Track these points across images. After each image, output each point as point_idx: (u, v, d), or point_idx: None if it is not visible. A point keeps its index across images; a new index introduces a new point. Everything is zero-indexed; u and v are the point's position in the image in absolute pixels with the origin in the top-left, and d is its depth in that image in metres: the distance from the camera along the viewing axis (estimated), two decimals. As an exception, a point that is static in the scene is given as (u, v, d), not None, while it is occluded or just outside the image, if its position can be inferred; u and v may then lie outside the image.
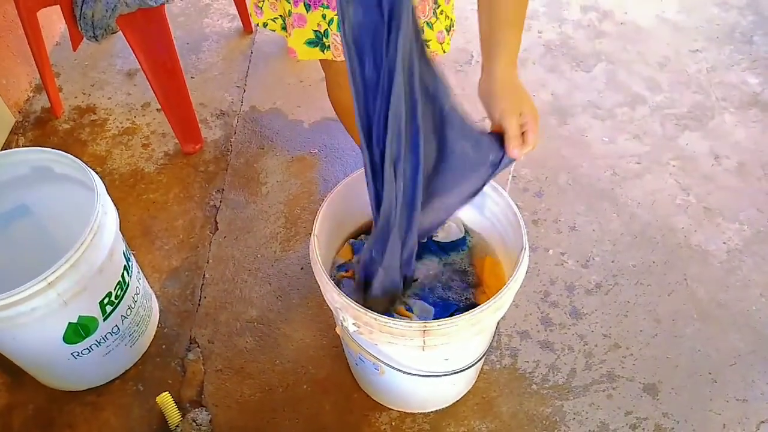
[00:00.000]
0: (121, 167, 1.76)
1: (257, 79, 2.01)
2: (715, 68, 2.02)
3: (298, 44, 1.17)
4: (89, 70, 2.04)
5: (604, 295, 1.48)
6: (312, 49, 1.18)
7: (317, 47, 1.17)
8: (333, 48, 1.16)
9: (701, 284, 1.50)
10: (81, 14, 1.43)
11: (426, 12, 1.13)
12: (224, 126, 1.87)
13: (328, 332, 1.42)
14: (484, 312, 0.94)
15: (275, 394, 1.33)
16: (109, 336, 1.23)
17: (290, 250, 1.57)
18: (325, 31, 1.15)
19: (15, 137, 1.84)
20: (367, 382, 1.29)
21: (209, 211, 1.66)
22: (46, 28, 1.81)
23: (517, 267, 0.98)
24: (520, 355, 1.38)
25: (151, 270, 1.53)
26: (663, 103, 1.92)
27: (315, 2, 1.12)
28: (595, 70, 2.02)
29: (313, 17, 1.13)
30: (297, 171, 1.74)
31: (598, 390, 1.33)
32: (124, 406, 1.32)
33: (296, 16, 1.14)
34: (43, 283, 1.01)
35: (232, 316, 1.45)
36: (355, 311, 0.94)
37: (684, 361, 1.37)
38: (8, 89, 1.85)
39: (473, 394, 1.32)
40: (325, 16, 1.13)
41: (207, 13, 2.24)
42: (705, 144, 1.81)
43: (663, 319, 1.44)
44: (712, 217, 1.63)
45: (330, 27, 1.14)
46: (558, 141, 1.82)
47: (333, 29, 1.13)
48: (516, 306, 1.45)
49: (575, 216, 1.63)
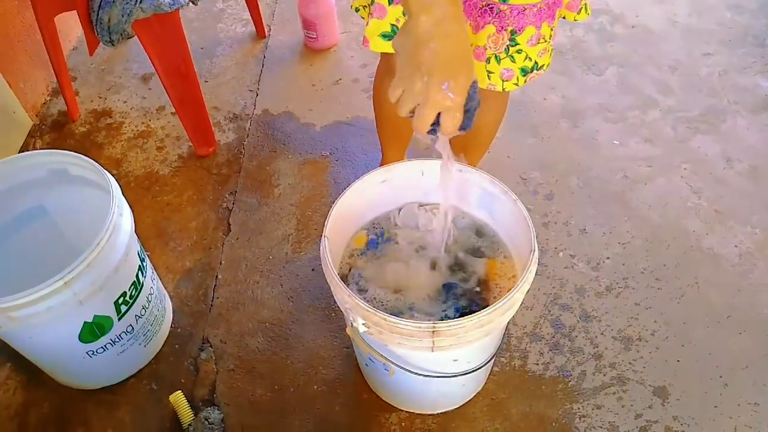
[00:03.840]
0: (136, 170, 1.78)
1: (270, 83, 2.03)
2: (727, 71, 2.02)
3: (374, 35, 1.16)
4: (105, 74, 2.07)
5: (614, 298, 1.48)
6: (386, 43, 1.17)
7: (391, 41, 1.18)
8: None
9: (713, 287, 1.49)
10: (97, 19, 1.46)
11: (498, 45, 1.11)
12: (237, 129, 1.89)
13: (338, 333, 1.43)
14: (493, 313, 0.94)
15: (286, 394, 1.35)
16: (124, 335, 1.25)
17: (302, 251, 1.58)
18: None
19: (32, 140, 1.87)
20: (377, 382, 1.30)
21: (222, 213, 1.68)
22: (63, 33, 1.84)
23: (527, 268, 0.99)
24: (530, 356, 1.38)
25: (165, 271, 1.56)
26: (675, 106, 1.92)
27: None
28: (606, 73, 2.02)
29: (393, 11, 1.12)
30: (309, 173, 1.76)
31: (608, 393, 1.33)
32: (137, 404, 1.34)
33: (378, 6, 1.14)
34: (60, 283, 1.03)
35: (244, 316, 1.47)
36: (365, 312, 0.95)
37: (695, 364, 1.37)
38: (26, 93, 1.88)
39: (483, 395, 1.32)
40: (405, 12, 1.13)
41: (221, 18, 2.27)
42: (717, 147, 1.80)
43: (674, 322, 1.43)
44: (724, 220, 1.62)
45: None
46: (569, 144, 1.82)
47: None
48: (526, 308, 1.46)
49: (586, 219, 1.63)
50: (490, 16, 1.07)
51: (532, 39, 1.11)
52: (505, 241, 1.19)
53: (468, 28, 1.11)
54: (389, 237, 1.22)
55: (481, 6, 1.07)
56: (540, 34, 1.11)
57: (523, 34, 1.09)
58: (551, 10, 1.10)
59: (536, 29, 1.10)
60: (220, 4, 2.32)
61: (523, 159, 1.78)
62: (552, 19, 1.12)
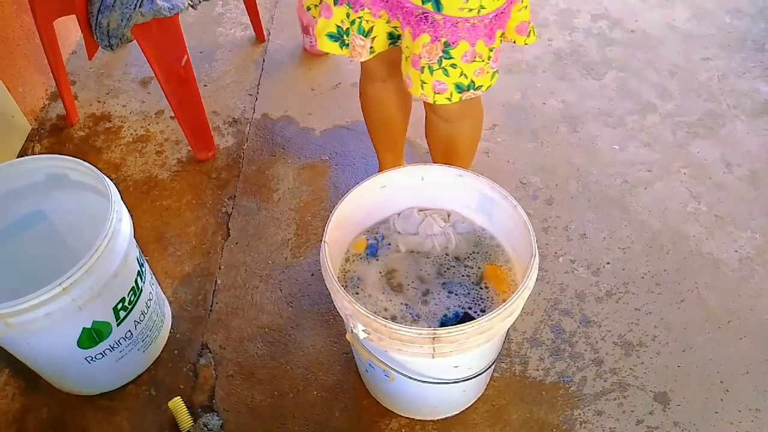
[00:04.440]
0: (135, 174, 1.78)
1: (269, 87, 2.03)
2: (727, 76, 2.02)
3: (321, 34, 1.18)
4: (104, 78, 2.07)
5: (614, 303, 1.47)
6: (332, 43, 1.18)
7: (337, 43, 1.18)
8: (351, 48, 1.17)
9: (713, 292, 1.49)
10: (97, 24, 1.45)
11: (431, 55, 1.09)
12: (236, 133, 1.89)
13: (338, 338, 1.42)
14: (493, 319, 0.94)
15: (286, 400, 1.34)
16: (123, 341, 1.25)
17: (301, 256, 1.58)
18: (347, 30, 1.15)
19: (31, 144, 1.87)
20: (377, 388, 1.29)
21: (221, 218, 1.67)
22: (62, 37, 1.84)
23: (527, 274, 0.99)
24: (530, 362, 1.38)
25: (163, 276, 1.55)
26: (674, 110, 1.92)
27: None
28: (605, 78, 2.02)
29: (338, 12, 1.13)
30: (308, 178, 1.76)
31: (609, 398, 1.32)
32: (136, 410, 1.33)
33: (325, 5, 1.14)
34: (58, 289, 1.03)
35: (244, 321, 1.46)
36: (366, 318, 0.95)
37: (695, 369, 1.36)
38: (25, 97, 1.88)
39: (483, 401, 1.32)
40: (348, 15, 1.13)
41: (220, 22, 2.27)
42: (716, 152, 1.80)
43: (674, 327, 1.43)
44: (724, 225, 1.62)
45: (351, 27, 1.14)
46: (568, 148, 1.82)
47: (353, 30, 1.14)
48: (526, 313, 1.45)
49: (585, 224, 1.63)
50: (426, 24, 1.06)
51: (466, 55, 1.09)
52: (505, 245, 1.19)
53: (407, 34, 1.10)
54: (389, 242, 1.22)
55: (418, 14, 1.07)
56: (475, 51, 1.09)
57: (456, 48, 1.07)
58: (489, 29, 1.08)
59: (470, 45, 1.08)
60: (219, 8, 2.32)
61: (522, 163, 1.78)
62: (490, 39, 1.09)
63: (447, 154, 1.44)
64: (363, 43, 1.15)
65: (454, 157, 1.43)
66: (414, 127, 1.59)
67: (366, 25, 1.12)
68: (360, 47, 1.16)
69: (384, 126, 1.51)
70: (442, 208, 1.24)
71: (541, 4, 2.29)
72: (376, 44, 1.17)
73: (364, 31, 1.13)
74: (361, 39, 1.15)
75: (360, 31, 1.13)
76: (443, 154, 1.45)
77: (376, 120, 1.50)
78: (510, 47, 2.10)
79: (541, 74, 2.04)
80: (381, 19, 1.12)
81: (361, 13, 1.11)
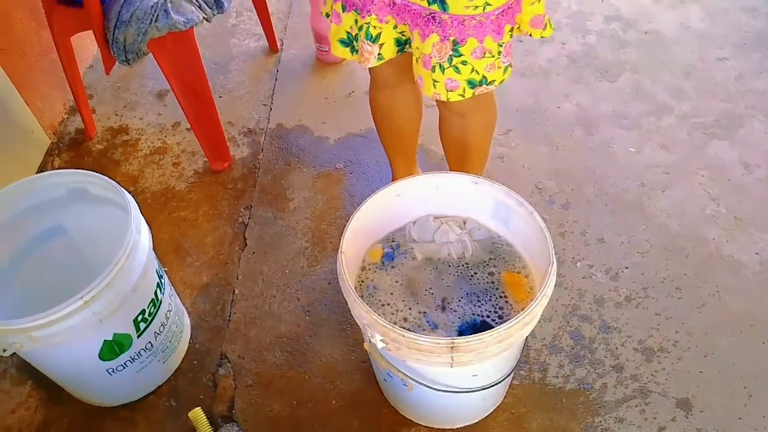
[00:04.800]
0: (152, 186, 1.80)
1: (283, 96, 2.04)
2: (743, 76, 2.00)
3: (334, 40, 1.20)
4: (121, 91, 2.10)
5: (634, 308, 1.46)
6: (344, 49, 1.21)
7: (348, 48, 1.20)
8: (360, 54, 1.19)
9: (734, 296, 1.47)
10: (113, 39, 1.47)
11: (441, 54, 1.11)
12: (252, 144, 1.90)
13: (356, 347, 1.42)
14: (512, 327, 0.94)
15: (304, 409, 1.34)
16: (143, 352, 1.26)
17: (317, 265, 1.59)
18: (356, 36, 1.17)
19: (50, 158, 1.89)
20: (396, 397, 1.29)
21: (238, 228, 1.68)
22: (80, 52, 1.86)
23: (545, 282, 0.98)
24: (549, 369, 1.37)
25: (182, 286, 1.56)
26: (690, 112, 1.90)
27: (349, 4, 1.14)
28: (620, 80, 2.01)
29: (347, 18, 1.15)
30: (323, 187, 1.76)
31: (630, 405, 1.31)
32: (157, 421, 1.34)
33: (335, 12, 1.16)
34: (80, 302, 1.04)
35: (262, 331, 1.47)
36: (384, 328, 0.95)
37: (718, 375, 1.35)
38: (43, 111, 1.91)
39: (502, 409, 1.31)
40: (357, 21, 1.14)
41: (234, 33, 2.28)
42: (734, 153, 1.78)
43: (695, 332, 1.41)
44: (744, 227, 1.60)
45: (360, 33, 1.15)
46: (584, 152, 1.81)
47: (362, 36, 1.15)
48: (545, 320, 1.44)
49: (603, 228, 1.62)
50: (433, 24, 1.08)
51: (476, 51, 1.10)
52: (521, 252, 1.18)
53: (416, 35, 1.12)
54: (405, 250, 1.22)
55: (425, 15, 1.08)
56: (484, 47, 1.10)
57: (465, 45, 1.09)
58: (496, 25, 1.08)
59: (479, 42, 1.09)
60: (233, 20, 2.34)
61: (538, 168, 1.77)
62: (499, 35, 1.10)
63: (461, 152, 1.44)
64: (371, 49, 1.17)
65: (468, 155, 1.43)
66: (428, 134, 1.60)
67: (374, 30, 1.14)
68: (368, 53, 1.17)
69: (395, 133, 1.52)
70: (457, 216, 1.24)
71: (553, 7, 2.28)
72: (384, 51, 1.18)
73: (371, 37, 1.15)
74: (369, 45, 1.16)
75: (368, 37, 1.15)
76: (457, 153, 1.45)
77: (387, 127, 1.50)
78: (523, 51, 2.10)
79: (554, 78, 2.03)
80: (388, 24, 1.13)
81: (369, 18, 1.13)
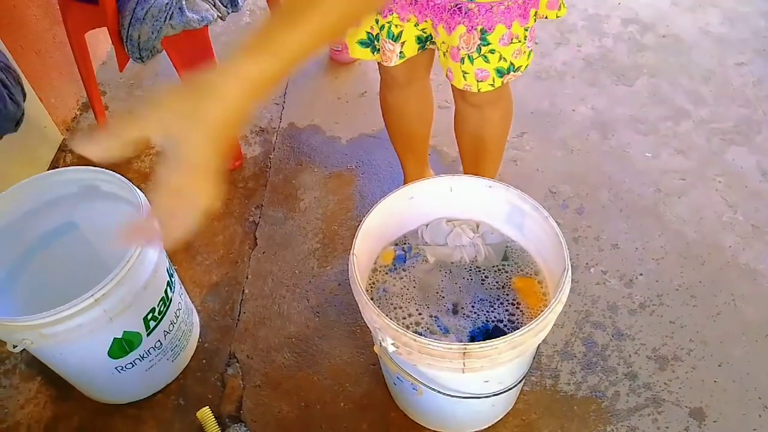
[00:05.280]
0: (163, 183, 1.79)
1: (295, 96, 2.03)
2: (762, 81, 1.97)
3: (352, 42, 1.20)
4: (134, 88, 2.10)
5: (648, 316, 1.44)
6: (364, 50, 1.21)
7: (368, 48, 1.20)
8: (381, 53, 1.18)
9: (750, 305, 1.45)
10: (128, 36, 1.47)
11: (469, 45, 1.11)
12: (263, 143, 1.89)
13: (365, 349, 1.41)
14: (525, 334, 0.92)
15: (313, 411, 1.33)
16: (152, 351, 1.26)
17: (327, 265, 1.58)
18: (377, 35, 1.16)
19: (62, 154, 1.90)
20: (405, 401, 1.28)
21: (248, 227, 1.68)
22: (93, 48, 1.86)
23: (560, 289, 0.97)
24: (561, 376, 1.35)
25: (191, 285, 1.56)
26: (708, 117, 1.88)
27: None
28: (636, 84, 1.99)
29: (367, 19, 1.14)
30: (334, 187, 1.75)
31: (642, 414, 1.29)
32: (165, 420, 1.34)
33: None
34: (90, 300, 1.04)
35: (271, 331, 1.46)
36: (395, 332, 0.94)
37: (732, 385, 1.32)
38: (56, 107, 1.91)
39: (513, 416, 1.30)
40: (377, 20, 1.14)
41: (247, 31, 2.28)
42: (752, 159, 1.75)
43: (710, 340, 1.39)
44: (761, 235, 1.58)
45: (381, 32, 1.15)
46: (599, 156, 1.79)
47: (383, 35, 1.15)
48: (557, 326, 1.42)
49: (617, 234, 1.60)
50: (460, 15, 1.07)
51: (503, 38, 1.10)
52: (535, 257, 1.17)
53: (441, 29, 1.11)
54: (417, 252, 1.21)
55: (450, 7, 1.08)
56: (512, 33, 1.10)
57: (493, 33, 1.09)
58: (523, 9, 1.09)
59: (507, 28, 1.09)
60: (246, 18, 2.34)
61: (552, 172, 1.75)
62: (525, 19, 1.10)
63: (478, 149, 1.42)
64: (393, 48, 1.17)
65: (485, 152, 1.42)
66: (441, 135, 1.58)
67: (395, 29, 1.14)
68: (390, 52, 1.18)
69: (405, 133, 1.51)
70: (470, 219, 1.22)
71: (569, 9, 2.25)
72: (406, 49, 1.18)
73: (393, 36, 1.15)
74: (391, 44, 1.16)
75: (389, 36, 1.15)
76: (474, 150, 1.44)
77: (397, 127, 1.49)
78: (538, 53, 2.08)
79: (570, 80, 2.01)
80: (409, 22, 1.13)
81: (390, 18, 1.12)
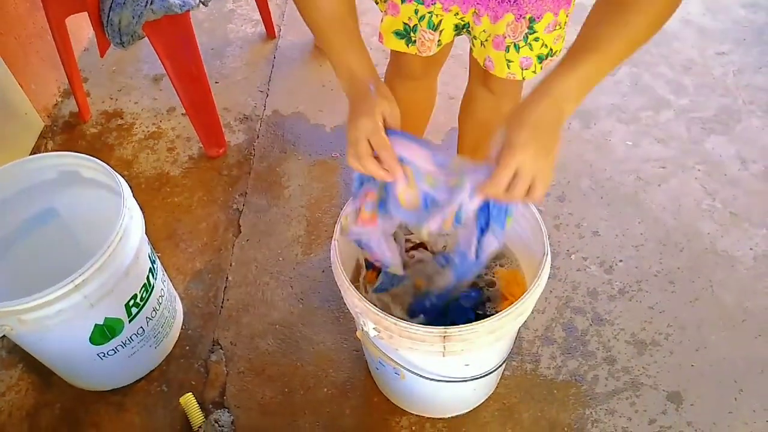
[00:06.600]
0: (146, 171, 1.79)
1: (280, 83, 2.02)
2: (742, 71, 1.99)
3: (387, 32, 1.18)
4: (116, 75, 2.08)
5: (627, 301, 1.46)
6: (399, 41, 1.19)
7: (403, 40, 1.18)
8: (419, 43, 1.17)
9: (727, 290, 1.47)
10: (108, 21, 1.46)
11: (516, 33, 1.10)
12: (247, 130, 1.89)
13: (348, 336, 1.42)
14: (505, 318, 0.93)
15: (296, 397, 1.34)
16: (135, 337, 1.25)
17: (311, 253, 1.58)
18: (414, 26, 1.15)
19: (44, 141, 1.88)
20: (388, 386, 1.29)
21: (232, 215, 1.67)
22: (75, 34, 1.84)
23: (539, 273, 0.98)
24: (542, 360, 1.37)
25: (175, 272, 1.56)
26: (688, 106, 1.90)
27: None
28: (618, 74, 2.00)
29: (405, 9, 1.13)
30: (319, 175, 1.75)
31: (621, 398, 1.31)
32: (148, 406, 1.34)
33: (391, 3, 1.14)
34: (71, 286, 1.03)
35: (254, 318, 1.47)
36: (376, 316, 0.94)
37: (709, 369, 1.35)
38: (37, 94, 1.89)
39: (494, 399, 1.31)
40: (417, 11, 1.13)
41: (231, 18, 2.27)
42: (731, 148, 1.78)
43: (688, 326, 1.42)
44: (739, 222, 1.60)
45: (420, 23, 1.14)
46: (581, 145, 1.80)
47: (422, 25, 1.14)
48: (538, 311, 1.44)
49: (598, 221, 1.62)
50: (508, 4, 1.07)
51: (549, 26, 1.10)
52: (516, 243, 1.18)
53: (486, 19, 1.11)
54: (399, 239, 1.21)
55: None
56: (557, 21, 1.11)
57: (541, 21, 1.09)
58: None
59: (554, 16, 1.09)
60: (230, 5, 2.32)
61: (534, 160, 1.76)
62: (568, 5, 1.11)
63: (483, 135, 1.41)
64: (432, 37, 1.16)
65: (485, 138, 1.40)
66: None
67: (435, 19, 1.13)
68: (429, 41, 1.16)
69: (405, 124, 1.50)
70: (453, 205, 1.23)
71: None
72: (443, 36, 1.17)
73: (433, 25, 1.14)
74: (431, 33, 1.15)
75: (430, 26, 1.14)
76: (478, 136, 1.43)
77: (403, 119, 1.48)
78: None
79: (553, 70, 2.02)
80: (450, 12, 1.13)
81: (432, 8, 1.11)
